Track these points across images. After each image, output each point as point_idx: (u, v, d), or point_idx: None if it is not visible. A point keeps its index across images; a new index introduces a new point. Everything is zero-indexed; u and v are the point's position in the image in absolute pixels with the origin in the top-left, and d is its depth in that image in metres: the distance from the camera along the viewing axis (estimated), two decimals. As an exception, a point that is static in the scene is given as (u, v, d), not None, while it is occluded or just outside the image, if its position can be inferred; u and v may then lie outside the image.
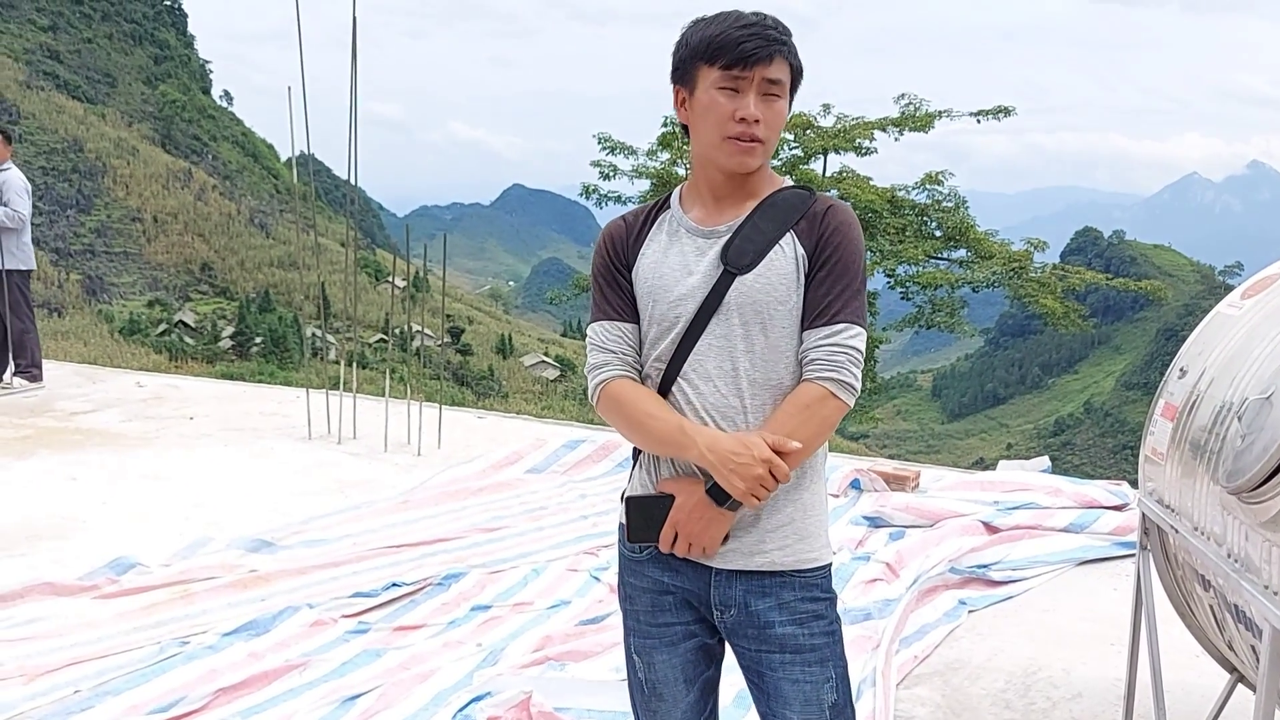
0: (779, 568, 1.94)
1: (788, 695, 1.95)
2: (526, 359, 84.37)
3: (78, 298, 75.66)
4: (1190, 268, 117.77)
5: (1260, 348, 2.69)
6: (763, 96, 1.88)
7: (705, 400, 1.93)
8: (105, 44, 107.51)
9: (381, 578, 4.51)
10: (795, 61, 1.92)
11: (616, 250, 2.02)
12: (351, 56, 7.30)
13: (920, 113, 21.41)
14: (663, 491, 1.96)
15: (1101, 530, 5.32)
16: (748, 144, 1.89)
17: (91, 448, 6.79)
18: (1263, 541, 2.36)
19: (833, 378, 1.88)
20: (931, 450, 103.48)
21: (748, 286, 1.91)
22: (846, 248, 1.92)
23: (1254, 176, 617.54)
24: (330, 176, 79.60)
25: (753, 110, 1.87)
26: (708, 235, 1.96)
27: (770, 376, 1.92)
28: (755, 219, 1.94)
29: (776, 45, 1.88)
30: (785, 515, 1.95)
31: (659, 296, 1.96)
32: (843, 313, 1.89)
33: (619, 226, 2.06)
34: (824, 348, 1.89)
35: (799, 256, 1.92)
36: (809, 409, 1.88)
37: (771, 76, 1.88)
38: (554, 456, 6.56)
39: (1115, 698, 3.59)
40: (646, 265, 1.99)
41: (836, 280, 1.90)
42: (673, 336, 1.95)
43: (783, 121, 1.94)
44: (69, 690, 3.49)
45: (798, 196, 1.97)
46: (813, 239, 1.92)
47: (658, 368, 1.98)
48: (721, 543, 1.93)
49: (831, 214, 1.93)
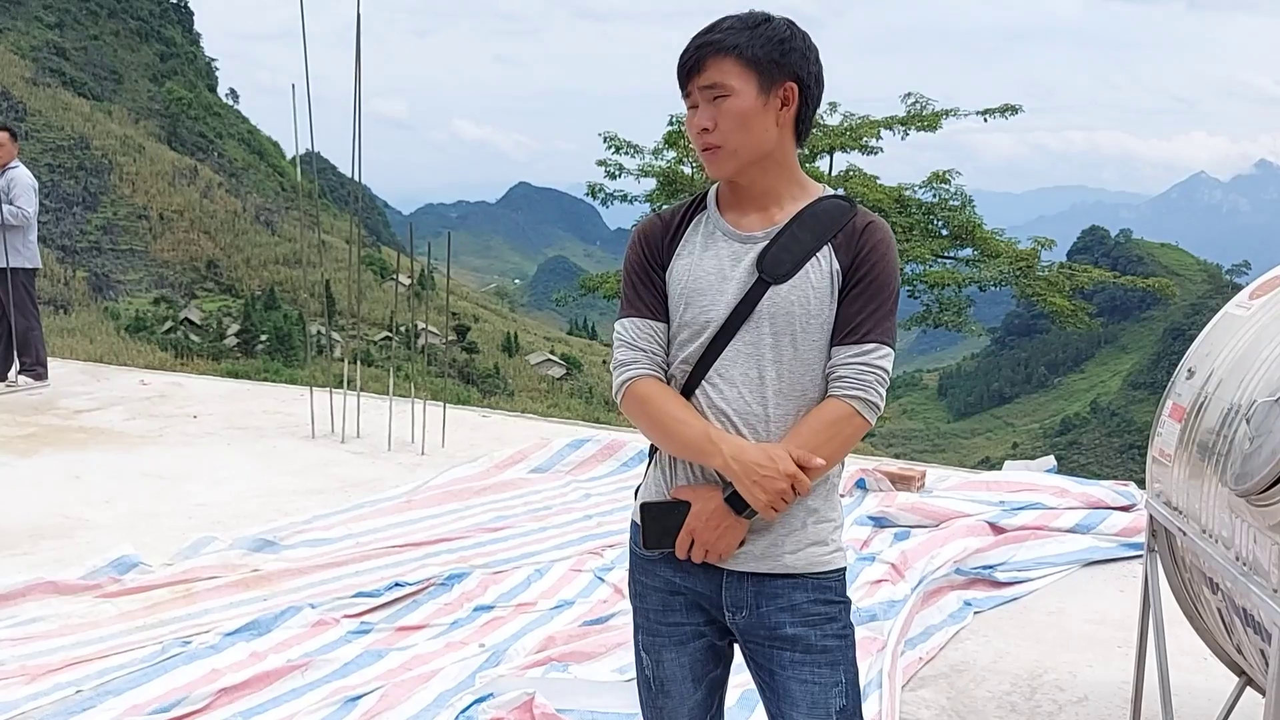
0: (791, 570, 1.94)
1: (795, 696, 1.94)
2: (532, 357, 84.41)
3: (84, 295, 75.80)
4: (1197, 267, 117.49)
5: (1269, 349, 2.67)
6: (710, 102, 1.89)
7: (729, 405, 1.92)
8: (112, 41, 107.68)
9: (384, 578, 4.50)
10: (749, 52, 1.86)
11: (652, 248, 2.01)
12: (355, 54, 7.29)
13: (927, 111, 21.35)
14: (678, 498, 1.95)
15: (1108, 531, 5.29)
16: (709, 152, 1.91)
17: (95, 446, 6.79)
18: (1271, 545, 2.33)
19: (859, 396, 1.88)
20: (937, 449, 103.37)
21: (781, 297, 1.89)
22: (882, 267, 1.90)
23: (1262, 176, 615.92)
24: (336, 174, 79.62)
25: (698, 120, 1.90)
26: (744, 241, 1.94)
27: (796, 387, 1.91)
28: (794, 228, 1.92)
29: (706, 49, 1.87)
30: (798, 520, 1.95)
31: (692, 299, 1.94)
32: (874, 332, 1.88)
33: (655, 224, 2.04)
34: (853, 366, 1.88)
35: (834, 271, 1.90)
36: (833, 426, 1.88)
37: (705, 83, 1.88)
38: (558, 456, 6.55)
39: (1122, 701, 3.57)
40: (681, 267, 1.97)
41: (870, 299, 1.89)
42: (702, 340, 1.93)
43: (739, 117, 1.88)
44: (71, 690, 3.49)
45: (838, 209, 1.94)
46: (850, 255, 1.90)
47: (684, 370, 1.97)
48: (738, 546, 1.93)
49: (870, 231, 1.92)
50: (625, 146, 22.18)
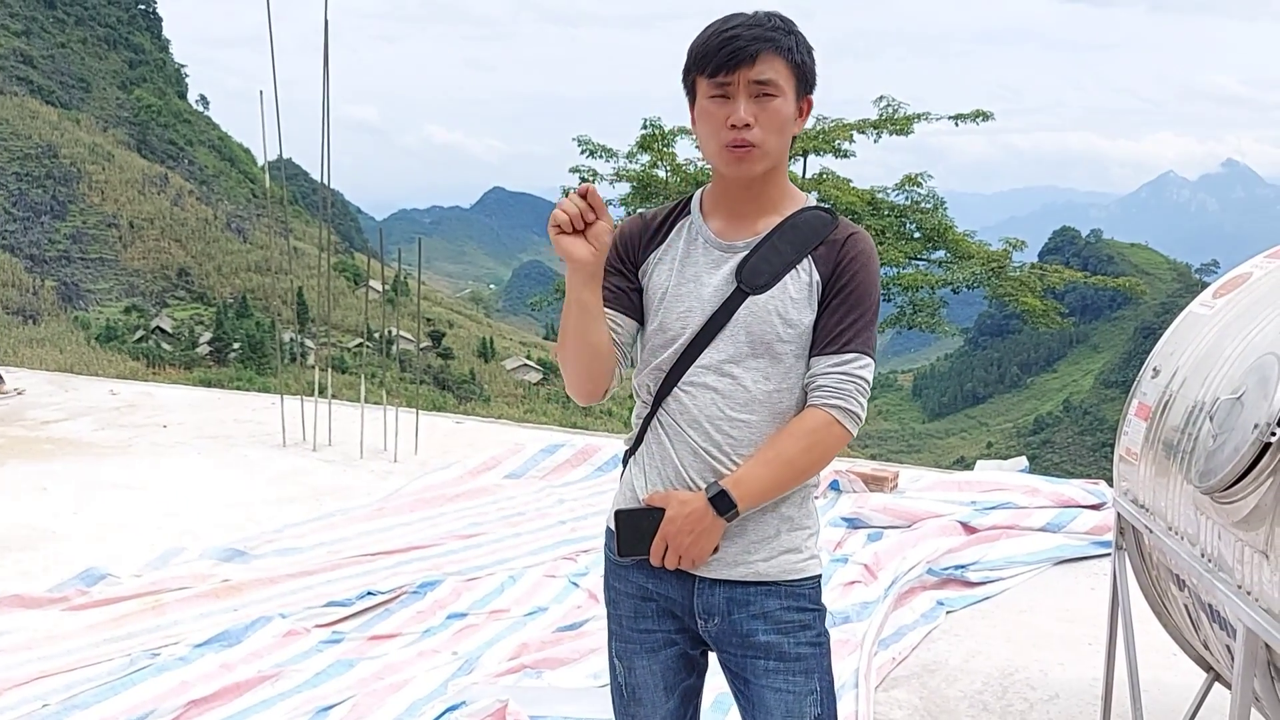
0: (763, 578, 1.92)
1: (770, 705, 1.92)
2: (508, 362, 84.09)
3: (53, 304, 74.89)
4: (1167, 266, 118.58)
5: (1232, 347, 2.69)
6: (755, 99, 1.82)
7: (701, 413, 1.91)
8: (79, 48, 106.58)
9: (356, 586, 4.47)
10: (796, 57, 1.85)
11: (627, 246, 2.00)
12: (324, 59, 7.25)
13: (899, 115, 21.42)
14: (651, 505, 1.95)
15: (1078, 530, 5.33)
16: (743, 150, 1.84)
17: (63, 457, 6.71)
18: (1235, 541, 2.35)
19: (840, 406, 1.87)
20: (912, 449, 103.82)
21: (759, 307, 1.89)
22: (863, 277, 1.89)
23: (1229, 175, 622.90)
24: (308, 180, 79.04)
25: (742, 114, 1.81)
26: (726, 249, 1.93)
27: (771, 397, 1.90)
28: (775, 239, 1.91)
29: (761, 43, 1.81)
30: (772, 528, 1.93)
31: (670, 304, 1.94)
32: (854, 342, 1.88)
33: (636, 223, 2.03)
34: (833, 375, 1.87)
35: (814, 282, 1.89)
36: (812, 434, 1.87)
37: (758, 77, 1.81)
38: (532, 461, 6.53)
39: (1093, 698, 3.60)
40: (661, 270, 1.97)
41: (851, 309, 1.88)
42: (676, 347, 1.93)
43: (782, 121, 1.85)
44: (37, 704, 3.44)
45: (820, 220, 1.93)
46: (830, 266, 1.89)
47: (657, 375, 1.96)
48: (712, 552, 1.92)
49: (852, 242, 1.91)
50: (599, 150, 22.12)
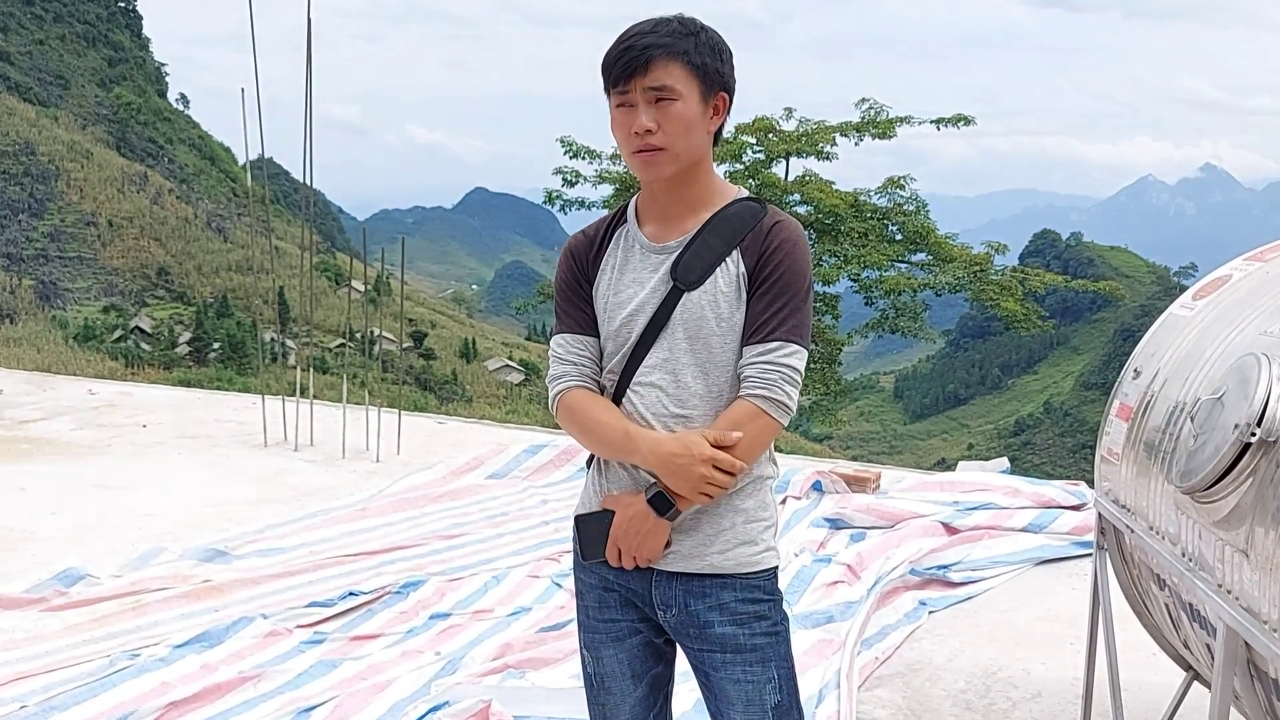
0: (718, 571, 1.96)
1: (731, 695, 1.97)
2: (490, 363, 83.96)
3: (30, 304, 74.36)
4: (1146, 269, 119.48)
5: (1212, 348, 2.71)
6: (654, 104, 1.87)
7: (649, 410, 1.95)
8: (58, 45, 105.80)
9: (338, 587, 4.45)
10: (695, 59, 1.88)
11: (578, 265, 2.05)
12: (306, 58, 7.22)
13: (882, 118, 21.49)
14: (605, 508, 1.99)
15: (1060, 530, 5.36)
16: (649, 154, 1.89)
17: (41, 457, 6.65)
18: (1216, 541, 2.37)
19: (764, 395, 1.89)
20: (894, 451, 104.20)
21: (693, 303, 1.93)
22: (788, 265, 1.91)
23: (1207, 179, 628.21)
24: (289, 180, 78.59)
25: (642, 121, 1.87)
26: (660, 251, 1.98)
27: (713, 389, 1.94)
28: (705, 235, 1.95)
29: (654, 50, 1.86)
30: (727, 521, 1.96)
31: (614, 313, 1.99)
32: (779, 330, 1.89)
33: (580, 241, 2.08)
34: (758, 365, 1.90)
35: (741, 274, 1.92)
36: (738, 426, 1.89)
37: (652, 84, 1.87)
38: (515, 462, 6.52)
39: (1074, 697, 3.62)
40: (605, 282, 2.02)
41: (776, 298, 1.90)
42: (624, 351, 1.98)
43: (686, 123, 1.89)
44: (15, 706, 3.41)
45: (749, 210, 1.97)
46: (755, 255, 1.92)
47: (611, 379, 2.01)
48: (665, 548, 1.95)
49: (776, 231, 1.93)
50: (582, 151, 22.10)
